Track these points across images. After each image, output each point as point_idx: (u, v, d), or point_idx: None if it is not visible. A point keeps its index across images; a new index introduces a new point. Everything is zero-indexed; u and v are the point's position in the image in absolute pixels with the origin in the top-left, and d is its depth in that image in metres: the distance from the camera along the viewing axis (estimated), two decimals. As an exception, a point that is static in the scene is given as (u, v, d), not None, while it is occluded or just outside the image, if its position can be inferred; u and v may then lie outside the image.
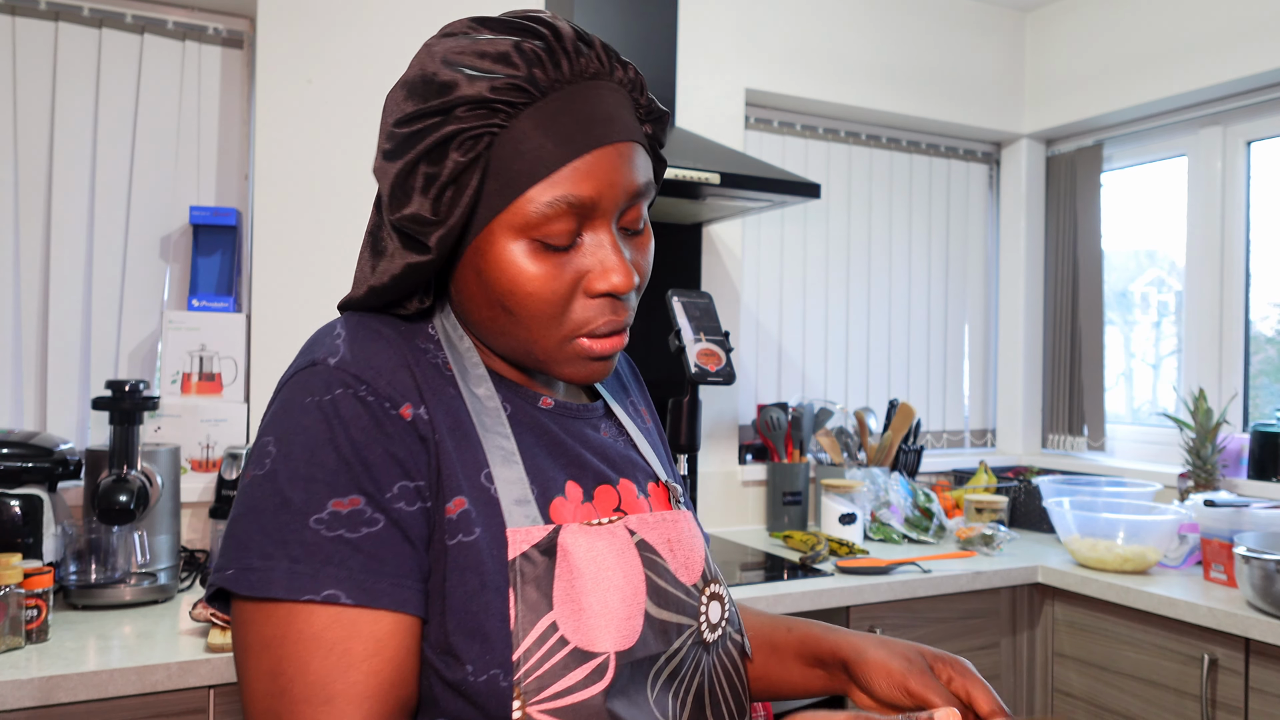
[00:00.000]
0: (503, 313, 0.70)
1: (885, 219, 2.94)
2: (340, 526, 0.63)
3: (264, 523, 0.63)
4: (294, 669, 0.61)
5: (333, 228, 2.06)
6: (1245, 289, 2.57)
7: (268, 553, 0.62)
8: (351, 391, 0.66)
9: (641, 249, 0.74)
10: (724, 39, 2.52)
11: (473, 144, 0.66)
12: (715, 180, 1.91)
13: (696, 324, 2.00)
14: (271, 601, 0.62)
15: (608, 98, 0.69)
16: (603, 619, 0.68)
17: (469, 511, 0.67)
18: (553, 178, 0.66)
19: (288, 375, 0.69)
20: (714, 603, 0.78)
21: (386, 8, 2.12)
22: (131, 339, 2.04)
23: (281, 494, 0.63)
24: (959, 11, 2.89)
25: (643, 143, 0.73)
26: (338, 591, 0.61)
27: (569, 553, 0.68)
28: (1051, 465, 2.90)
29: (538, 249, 0.68)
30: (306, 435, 0.64)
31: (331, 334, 0.70)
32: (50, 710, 1.29)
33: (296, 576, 0.61)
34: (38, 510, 1.60)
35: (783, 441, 2.50)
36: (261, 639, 0.62)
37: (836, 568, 2.02)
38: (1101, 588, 2.01)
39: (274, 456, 0.65)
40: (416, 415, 0.67)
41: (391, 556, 0.64)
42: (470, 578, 0.65)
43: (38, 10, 1.96)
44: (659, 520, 0.77)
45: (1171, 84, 2.58)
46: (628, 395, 0.92)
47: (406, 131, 0.66)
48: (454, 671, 0.64)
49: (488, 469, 0.70)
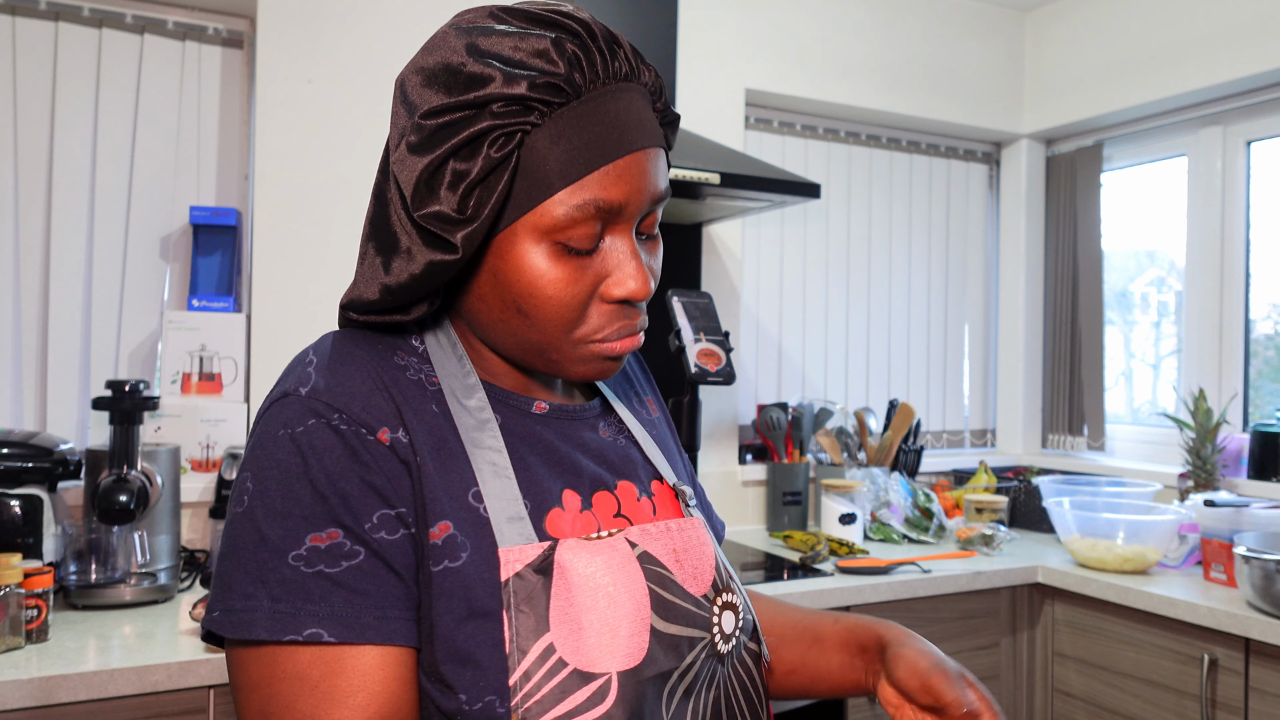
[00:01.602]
0: (517, 315, 0.68)
1: (885, 219, 2.94)
2: (319, 562, 0.61)
3: (244, 561, 0.62)
4: (280, 708, 0.61)
5: (333, 228, 2.06)
6: (1245, 289, 2.57)
7: (249, 593, 0.61)
8: (324, 421, 0.64)
9: (654, 253, 0.73)
10: (724, 39, 2.52)
11: (506, 141, 0.64)
12: (715, 180, 1.91)
13: (696, 324, 2.00)
14: (257, 643, 0.61)
15: (636, 101, 0.68)
16: (604, 638, 0.66)
17: (454, 536, 0.65)
18: (582, 181, 0.65)
19: (263, 407, 0.68)
20: (727, 612, 0.75)
21: (386, 8, 2.12)
22: (131, 339, 2.04)
23: (259, 531, 0.62)
24: (959, 11, 2.89)
25: (665, 147, 0.72)
26: (320, 630, 0.60)
27: (566, 570, 0.66)
28: (1051, 465, 2.90)
29: (559, 252, 0.67)
30: (280, 470, 0.63)
31: (304, 362, 0.68)
32: (50, 710, 1.29)
33: (278, 617, 0.60)
34: (38, 510, 1.60)
35: (783, 441, 2.50)
36: (250, 680, 0.62)
37: (836, 568, 2.02)
38: (1101, 588, 2.01)
39: (251, 493, 0.64)
40: (395, 439, 0.66)
41: (375, 589, 0.62)
42: (457, 604, 0.64)
43: (38, 10, 1.96)
44: (663, 530, 0.74)
45: (1171, 84, 2.58)
46: (631, 387, 0.90)
47: (436, 124, 0.64)
48: (448, 700, 0.63)
49: (476, 487, 0.68)
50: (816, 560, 2.09)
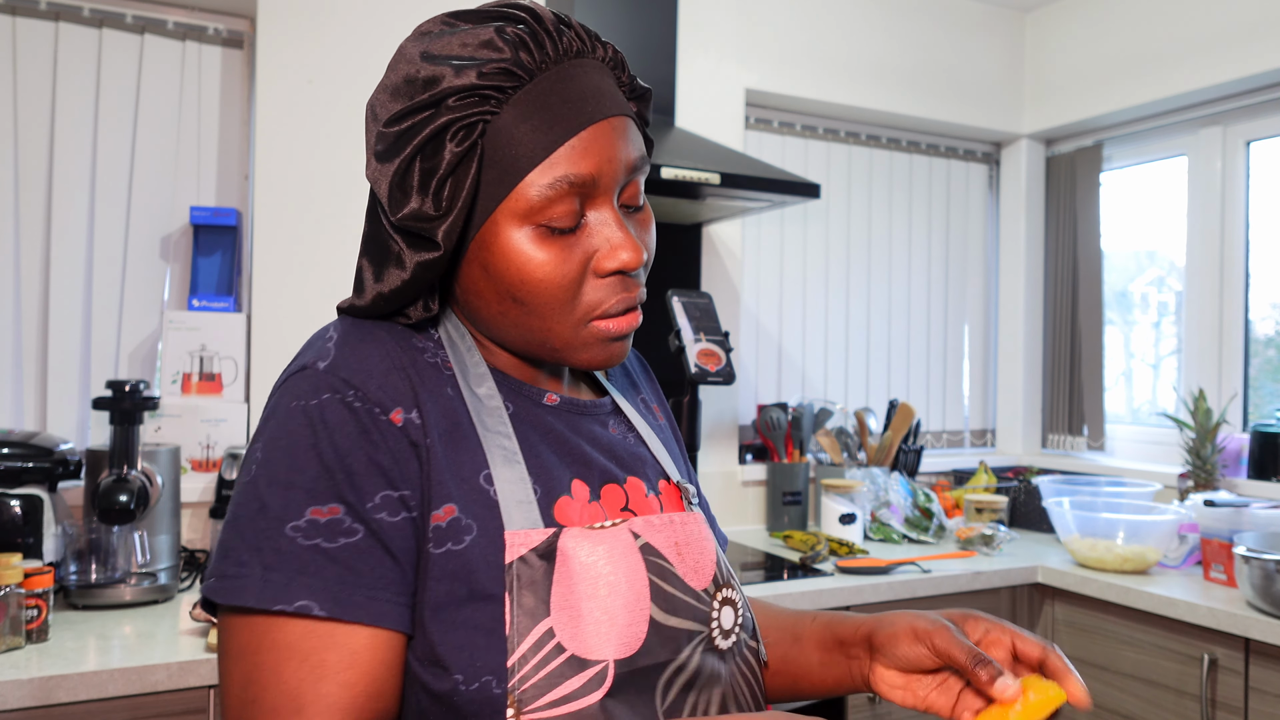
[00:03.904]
0: (514, 304, 0.69)
1: (885, 219, 2.94)
2: (317, 535, 0.61)
3: (242, 529, 0.62)
4: (265, 678, 0.60)
5: (333, 228, 2.06)
6: (1245, 289, 2.57)
7: (243, 560, 0.61)
8: (339, 397, 0.64)
9: (644, 226, 0.74)
10: (724, 39, 2.52)
11: (467, 133, 0.65)
12: (715, 180, 1.91)
13: (696, 324, 2.00)
14: (246, 610, 0.61)
15: (594, 74, 0.69)
16: (602, 625, 0.66)
17: (459, 519, 0.66)
18: (550, 159, 0.66)
19: (280, 380, 0.68)
20: (726, 608, 0.75)
21: (386, 8, 2.12)
22: (131, 339, 2.04)
23: (260, 500, 0.62)
24: (959, 11, 2.89)
25: (633, 116, 0.72)
26: (310, 603, 0.60)
27: (569, 557, 0.67)
28: (1051, 465, 2.90)
29: (543, 234, 0.67)
30: (289, 440, 0.63)
31: (324, 337, 0.69)
32: (50, 710, 1.29)
33: (269, 585, 0.60)
34: (38, 510, 1.60)
35: (783, 441, 2.50)
36: (237, 646, 0.62)
37: (836, 568, 2.02)
38: (1101, 588, 2.01)
39: (259, 462, 0.64)
40: (408, 420, 0.66)
41: (368, 569, 0.62)
42: (458, 586, 0.64)
43: (38, 10, 1.96)
44: (666, 523, 0.74)
45: (1171, 84, 2.58)
46: (638, 392, 0.90)
47: (398, 130, 0.66)
48: (442, 682, 0.63)
49: (487, 470, 0.68)
50: (816, 560, 2.09)
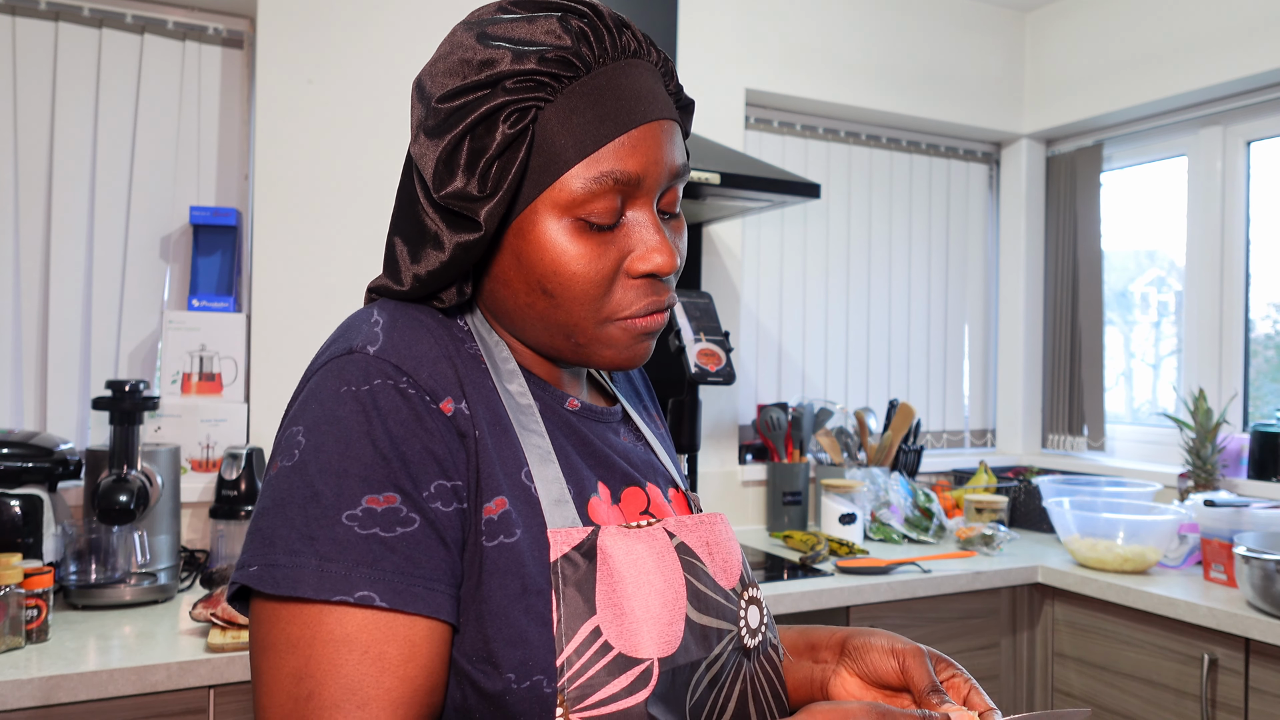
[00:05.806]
0: (543, 296, 0.68)
1: (885, 219, 2.94)
2: (374, 524, 0.60)
3: (291, 516, 0.60)
4: (323, 672, 0.58)
5: (333, 228, 2.06)
6: (1245, 289, 2.57)
7: (295, 549, 0.59)
8: (392, 383, 0.63)
9: (678, 233, 0.73)
10: (724, 39, 2.52)
11: (520, 117, 0.64)
12: (715, 180, 1.91)
13: (696, 324, 2.00)
14: (298, 600, 0.59)
15: (647, 76, 0.69)
16: (645, 624, 0.65)
17: (509, 512, 0.65)
18: (598, 153, 0.66)
19: (320, 362, 0.66)
20: (753, 607, 0.76)
21: (387, 8, 2.12)
22: (131, 339, 2.04)
23: (311, 487, 0.60)
24: (959, 11, 2.89)
25: (680, 123, 0.72)
26: (372, 593, 0.58)
27: (609, 556, 0.66)
28: (1051, 465, 2.90)
29: (581, 228, 0.67)
30: (340, 426, 0.61)
31: (369, 320, 0.67)
32: (50, 710, 1.29)
33: (327, 576, 0.58)
34: (38, 510, 1.60)
35: (783, 441, 2.50)
36: (287, 639, 0.59)
37: (836, 568, 2.02)
38: (1101, 588, 2.01)
39: (304, 447, 0.62)
40: (458, 410, 0.65)
41: (426, 559, 0.61)
42: (511, 581, 0.63)
43: (38, 10, 1.96)
44: (697, 523, 0.75)
45: (1171, 84, 2.58)
46: (641, 400, 0.91)
47: (451, 106, 0.65)
48: (493, 681, 0.62)
49: (527, 467, 0.68)
50: (816, 560, 2.09)
